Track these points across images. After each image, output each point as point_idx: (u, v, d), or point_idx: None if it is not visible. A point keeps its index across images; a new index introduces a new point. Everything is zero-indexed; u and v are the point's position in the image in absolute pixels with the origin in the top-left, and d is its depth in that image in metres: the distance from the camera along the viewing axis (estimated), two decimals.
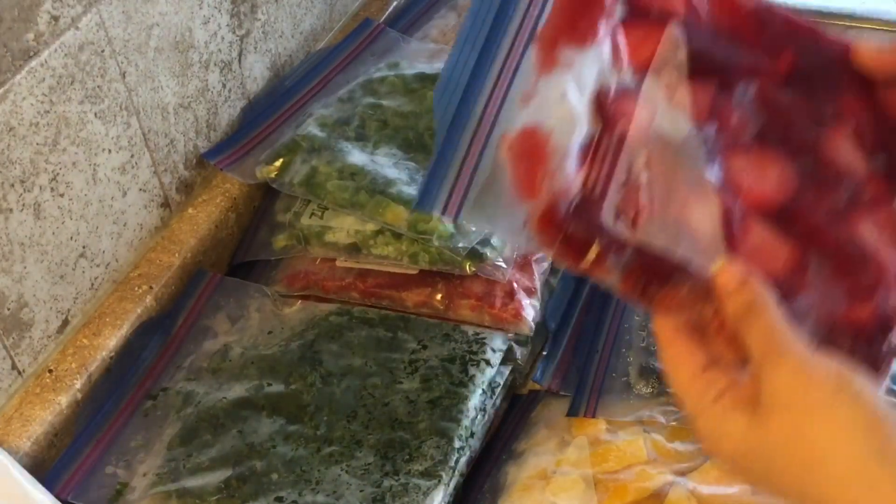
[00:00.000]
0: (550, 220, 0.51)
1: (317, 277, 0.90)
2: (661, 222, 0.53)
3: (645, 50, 0.56)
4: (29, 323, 0.78)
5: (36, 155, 0.76)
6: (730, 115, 0.56)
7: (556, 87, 0.53)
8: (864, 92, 0.57)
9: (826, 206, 0.55)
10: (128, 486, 0.75)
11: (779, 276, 0.53)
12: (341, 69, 1.07)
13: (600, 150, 0.53)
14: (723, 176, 0.54)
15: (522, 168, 0.52)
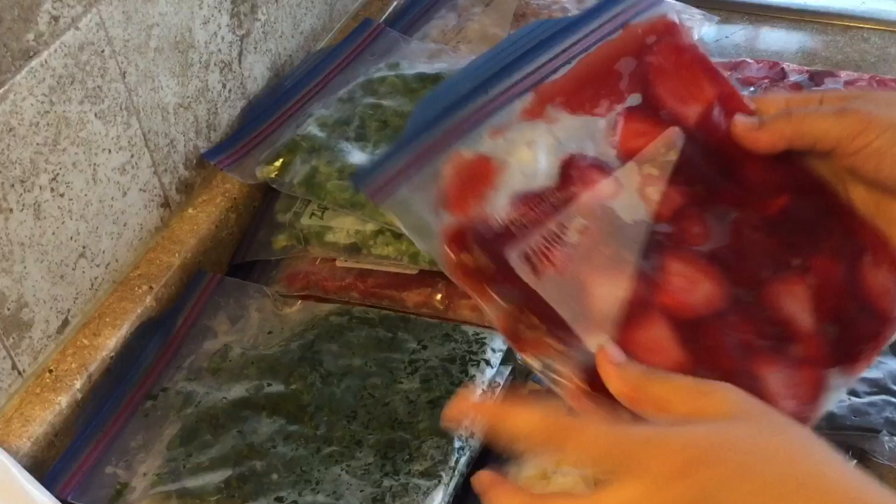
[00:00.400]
0: (460, 237, 0.54)
1: (317, 277, 0.90)
2: (564, 281, 0.54)
3: (639, 142, 0.57)
4: (29, 323, 0.78)
5: (36, 155, 0.76)
6: (693, 225, 0.56)
7: (530, 133, 0.56)
8: (841, 260, 0.57)
9: (742, 338, 0.55)
10: (128, 486, 0.75)
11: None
12: (341, 69, 1.07)
13: (543, 202, 0.55)
14: (653, 268, 0.55)
15: (460, 183, 0.54)
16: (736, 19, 1.21)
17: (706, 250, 0.56)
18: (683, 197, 0.57)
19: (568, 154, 0.56)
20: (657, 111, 0.58)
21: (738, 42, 1.18)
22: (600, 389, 0.53)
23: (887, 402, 0.77)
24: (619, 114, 0.57)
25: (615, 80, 0.58)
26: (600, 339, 0.53)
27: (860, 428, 0.76)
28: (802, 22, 1.20)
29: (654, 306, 0.54)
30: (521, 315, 0.54)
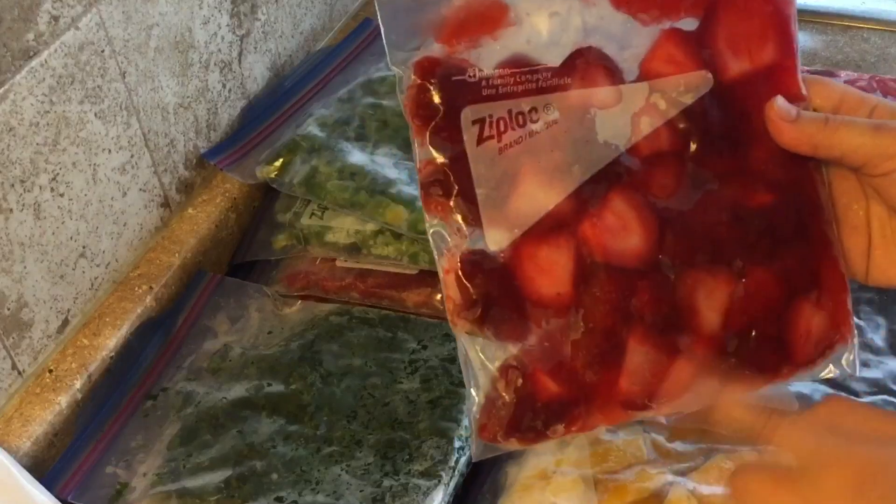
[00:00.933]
0: (432, 67, 0.51)
1: (317, 277, 0.90)
2: (500, 163, 0.51)
3: (666, 68, 0.53)
4: (29, 323, 0.78)
5: (36, 155, 0.76)
6: (664, 174, 0.53)
7: (561, 5, 0.52)
8: (785, 285, 0.54)
9: (635, 304, 0.52)
10: (128, 486, 0.75)
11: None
12: (341, 69, 1.07)
13: (531, 77, 0.51)
14: (594, 195, 0.52)
15: (463, 18, 0.51)
16: None
17: (660, 205, 0.52)
18: (673, 143, 0.53)
19: (586, 44, 0.52)
20: (702, 46, 0.53)
21: None
22: (470, 278, 0.51)
23: (887, 401, 0.77)
24: (664, 30, 0.52)
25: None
26: (499, 236, 0.51)
27: None
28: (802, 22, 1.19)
29: (571, 232, 0.51)
30: (443, 173, 0.51)
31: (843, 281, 0.54)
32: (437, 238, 0.52)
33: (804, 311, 0.53)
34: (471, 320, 0.51)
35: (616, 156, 0.52)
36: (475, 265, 0.51)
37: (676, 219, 0.52)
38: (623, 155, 0.52)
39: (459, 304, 0.52)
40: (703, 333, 0.53)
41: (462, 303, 0.51)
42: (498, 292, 0.51)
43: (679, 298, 0.52)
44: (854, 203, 0.56)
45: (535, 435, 0.53)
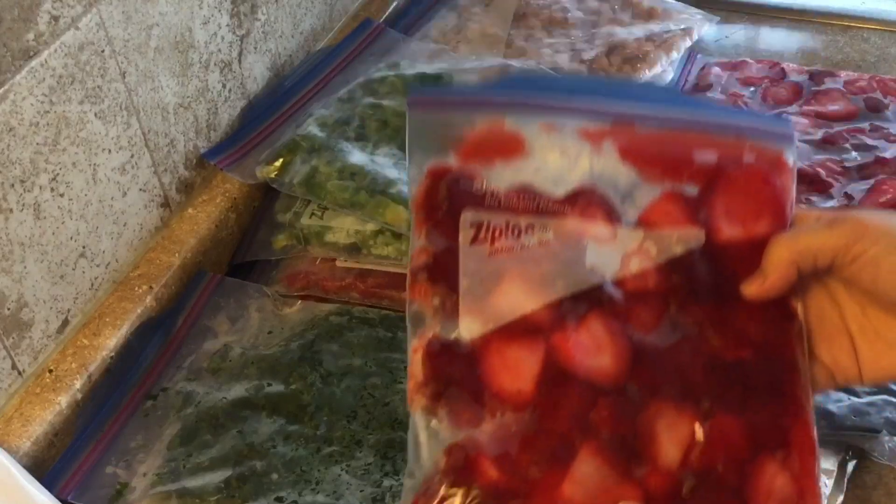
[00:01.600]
0: (444, 173, 0.56)
1: (317, 277, 0.90)
2: (488, 263, 0.54)
3: (662, 221, 0.56)
4: (29, 323, 0.78)
5: (36, 155, 0.76)
6: (646, 311, 0.54)
7: (574, 149, 0.56)
8: (751, 435, 0.53)
9: (595, 419, 0.53)
10: (128, 486, 0.75)
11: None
12: (341, 69, 1.07)
13: (533, 200, 0.55)
14: (574, 312, 0.54)
15: (482, 141, 0.56)
16: (736, 19, 1.21)
17: (636, 337, 0.54)
18: (658, 285, 0.55)
19: (590, 185, 0.55)
20: (699, 209, 0.55)
21: (739, 42, 1.18)
22: (435, 357, 0.54)
23: (887, 402, 0.77)
24: (665, 191, 0.56)
25: (684, 163, 0.56)
26: (473, 325, 0.53)
27: (860, 428, 0.76)
28: (802, 22, 1.20)
29: (543, 339, 0.54)
30: (433, 261, 0.55)
31: (812, 446, 0.54)
32: (414, 319, 0.56)
33: (769, 467, 0.53)
34: (428, 396, 0.55)
35: (600, 283, 0.54)
36: (443, 346, 0.55)
37: (650, 353, 0.54)
38: (608, 284, 0.54)
39: (420, 381, 0.55)
40: (659, 465, 0.53)
41: (423, 380, 0.55)
42: (459, 375, 0.54)
43: (640, 423, 0.53)
44: (828, 310, 0.57)
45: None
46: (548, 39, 1.11)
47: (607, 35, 1.10)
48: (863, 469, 0.75)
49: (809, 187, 0.92)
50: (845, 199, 0.89)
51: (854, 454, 0.75)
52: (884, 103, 1.01)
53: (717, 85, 1.06)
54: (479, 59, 1.05)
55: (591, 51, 1.07)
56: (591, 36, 1.10)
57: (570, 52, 1.08)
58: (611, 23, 1.13)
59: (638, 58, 1.06)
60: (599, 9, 1.15)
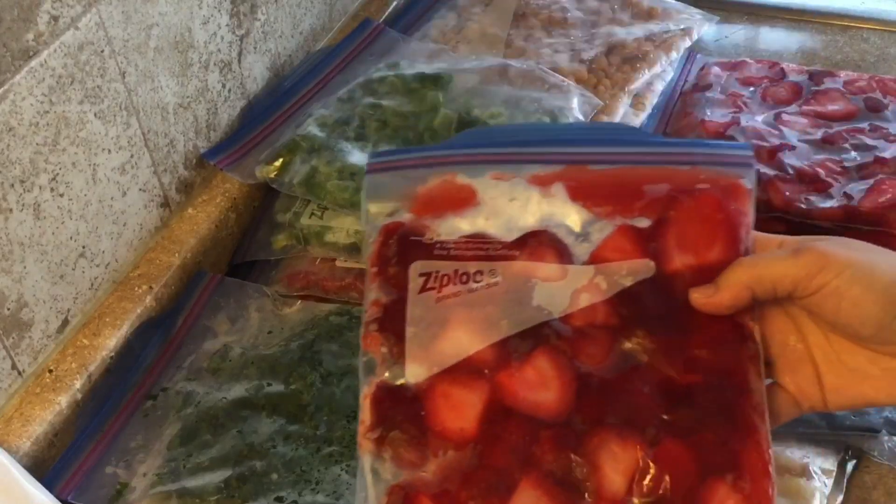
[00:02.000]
0: (396, 229, 0.59)
1: (317, 277, 0.90)
2: (434, 309, 0.56)
3: (614, 255, 0.57)
4: (29, 323, 0.78)
5: (35, 155, 0.76)
6: (593, 345, 0.55)
7: (524, 196, 0.59)
8: (698, 457, 0.53)
9: (538, 453, 0.53)
10: (128, 486, 0.75)
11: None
12: (341, 69, 1.07)
13: (483, 247, 0.57)
14: (518, 350, 0.55)
15: (434, 198, 0.59)
16: (736, 19, 1.21)
17: (583, 370, 0.54)
18: (607, 319, 0.55)
19: (541, 227, 0.57)
20: (651, 240, 0.56)
21: (738, 42, 1.18)
22: (380, 402, 0.55)
23: None
24: (618, 226, 0.57)
25: (634, 197, 0.57)
26: (419, 370, 0.55)
27: (860, 428, 0.76)
28: (802, 22, 1.20)
29: (488, 378, 0.54)
30: (383, 312, 0.57)
31: (766, 468, 0.53)
32: (365, 368, 0.56)
33: (718, 491, 0.53)
34: (373, 440, 0.55)
35: (547, 320, 0.55)
36: (388, 392, 0.55)
37: (597, 384, 0.54)
38: (554, 321, 0.55)
39: (367, 426, 0.55)
40: (604, 495, 0.53)
41: (369, 424, 0.55)
42: (403, 418, 0.55)
43: (583, 453, 0.53)
44: (791, 337, 0.56)
45: None
46: (547, 39, 1.11)
47: (607, 35, 1.10)
48: (863, 469, 0.75)
49: (809, 187, 0.92)
50: (845, 199, 0.89)
51: (854, 454, 0.75)
52: (883, 103, 1.01)
53: (717, 85, 1.06)
54: (478, 59, 1.05)
55: (590, 51, 1.07)
56: (590, 36, 1.10)
57: (570, 51, 1.08)
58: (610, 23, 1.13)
59: (637, 58, 1.06)
60: (599, 9, 1.15)
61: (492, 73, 1.03)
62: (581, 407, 0.54)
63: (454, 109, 0.97)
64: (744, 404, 0.54)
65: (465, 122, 0.96)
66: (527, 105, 0.97)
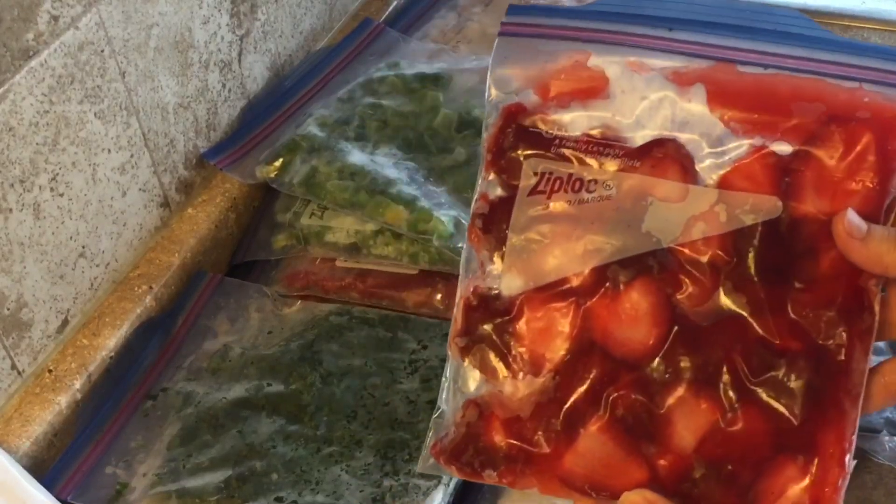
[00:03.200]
0: (518, 113, 0.53)
1: (317, 277, 0.90)
2: (539, 217, 0.52)
3: (742, 183, 0.51)
4: (28, 323, 0.78)
5: (35, 155, 0.75)
6: (697, 283, 0.51)
7: (658, 93, 0.52)
8: (773, 434, 0.50)
9: (614, 395, 0.51)
10: (128, 487, 0.75)
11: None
12: (341, 69, 1.06)
13: (603, 148, 0.52)
14: (616, 278, 0.51)
15: (564, 78, 0.52)
16: None
17: (679, 311, 0.51)
18: (717, 257, 0.50)
19: (670, 135, 0.51)
20: (787, 172, 0.50)
21: None
22: (474, 310, 0.53)
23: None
24: (755, 146, 0.50)
25: (780, 115, 0.50)
26: (514, 283, 0.52)
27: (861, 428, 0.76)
28: None
29: (580, 304, 0.51)
30: (489, 209, 0.53)
31: (842, 458, 0.50)
32: (465, 263, 0.54)
33: (786, 470, 0.50)
34: (461, 347, 0.53)
35: (654, 249, 0.51)
36: (482, 300, 0.53)
37: (690, 330, 0.51)
38: (661, 250, 0.51)
39: (458, 330, 0.54)
40: (671, 448, 0.51)
41: (460, 329, 0.53)
42: (492, 332, 0.53)
43: (659, 406, 0.51)
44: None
45: (471, 471, 0.54)
46: None
47: None
48: (863, 469, 0.75)
49: None
50: None
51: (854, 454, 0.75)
52: None
53: None
54: (478, 58, 1.05)
55: None
56: None
57: None
58: None
59: None
60: None
61: None
62: (667, 354, 0.51)
63: (454, 109, 0.97)
64: (838, 385, 0.50)
65: (465, 121, 0.96)
66: None
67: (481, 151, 0.54)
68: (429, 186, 0.90)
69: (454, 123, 0.96)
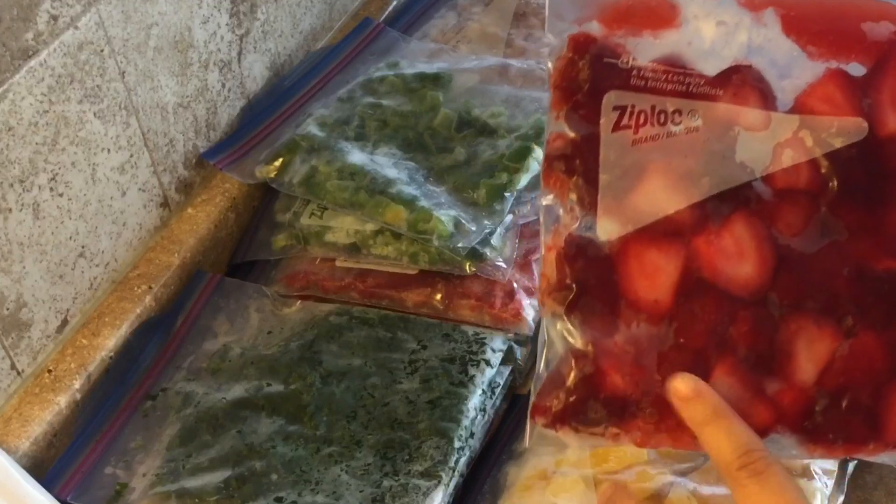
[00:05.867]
0: (587, 44, 0.50)
1: (316, 277, 0.90)
2: (630, 154, 0.50)
3: (821, 106, 0.50)
4: (28, 323, 0.78)
5: (35, 155, 0.75)
6: (793, 212, 0.50)
7: (733, 18, 0.51)
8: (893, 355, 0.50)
9: (733, 334, 0.50)
10: (127, 487, 0.75)
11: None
12: (341, 69, 1.06)
13: (683, 79, 0.50)
14: (717, 213, 0.50)
15: (630, 7, 0.50)
16: None
17: (782, 241, 0.50)
18: (810, 183, 0.50)
19: (746, 62, 0.50)
20: (865, 95, 0.50)
21: None
22: (571, 261, 0.50)
23: None
24: (830, 69, 0.50)
25: (852, 37, 0.50)
26: (611, 227, 0.50)
27: None
28: None
29: (684, 242, 0.50)
30: (571, 150, 0.50)
31: None
32: (547, 213, 0.51)
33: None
34: (560, 302, 0.51)
35: (749, 180, 0.50)
36: (579, 249, 0.50)
37: (795, 259, 0.50)
38: (756, 181, 0.50)
39: (553, 284, 0.51)
40: (794, 383, 0.50)
41: (556, 283, 0.51)
42: (595, 282, 0.50)
43: (778, 340, 0.50)
44: None
45: (592, 429, 0.51)
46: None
47: None
48: (863, 469, 0.75)
49: None
50: None
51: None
52: None
53: None
54: (478, 58, 1.05)
55: None
56: None
57: None
58: None
59: None
60: None
61: (492, 73, 1.03)
62: (778, 284, 0.50)
63: (454, 109, 0.97)
64: None
65: (465, 121, 0.96)
66: (527, 105, 0.97)
67: (548, 88, 0.51)
68: (429, 186, 0.90)
69: (454, 123, 0.96)
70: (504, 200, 0.87)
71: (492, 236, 0.86)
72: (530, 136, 0.92)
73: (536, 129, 0.93)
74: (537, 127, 0.93)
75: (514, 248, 0.87)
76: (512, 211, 0.88)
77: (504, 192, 0.88)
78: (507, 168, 0.89)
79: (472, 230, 0.85)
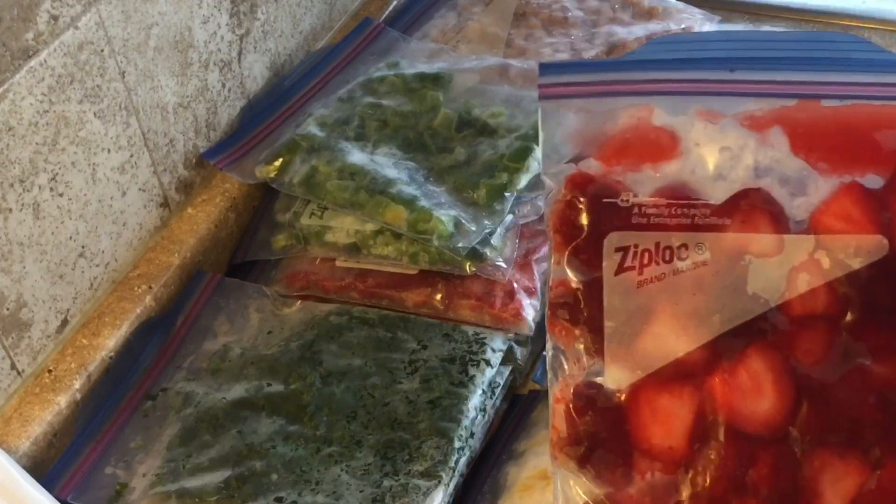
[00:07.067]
0: (584, 184, 0.48)
1: (316, 277, 0.90)
2: (635, 297, 0.48)
3: (838, 224, 0.48)
4: (28, 323, 0.78)
5: (35, 154, 0.75)
6: (812, 341, 0.48)
7: (736, 141, 0.48)
8: None
9: (748, 476, 0.48)
10: (127, 487, 0.75)
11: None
12: (341, 69, 1.06)
13: (688, 210, 0.48)
14: (731, 349, 0.48)
15: (626, 141, 0.48)
16: (736, 18, 1.21)
17: (801, 371, 0.47)
18: (829, 307, 0.47)
19: (755, 185, 0.48)
20: (883, 206, 0.47)
21: None
22: (581, 413, 0.49)
23: None
24: (844, 184, 0.47)
25: (865, 147, 0.48)
26: (620, 375, 0.48)
27: None
28: (803, 21, 1.20)
29: (697, 384, 0.48)
30: (574, 297, 0.49)
31: None
32: (554, 361, 0.50)
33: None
34: (573, 457, 0.49)
35: (763, 311, 0.48)
36: (589, 401, 0.49)
37: (816, 389, 0.48)
38: (771, 310, 0.48)
39: (564, 439, 0.49)
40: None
41: (567, 437, 0.49)
42: (607, 434, 0.49)
43: (802, 479, 0.48)
44: None
45: None
46: (548, 39, 1.11)
47: (607, 34, 1.10)
48: None
49: None
50: None
51: None
52: None
53: None
54: (479, 58, 1.05)
55: (591, 50, 1.07)
56: (591, 35, 1.10)
57: (571, 51, 1.08)
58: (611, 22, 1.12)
59: None
60: (599, 8, 1.15)
61: (492, 73, 1.03)
62: (799, 418, 0.47)
63: (454, 109, 0.97)
64: None
65: (464, 121, 0.96)
66: (528, 105, 0.97)
67: (547, 232, 0.50)
68: (429, 186, 0.90)
69: (454, 123, 0.96)
70: (504, 200, 0.87)
71: (492, 236, 0.86)
72: (530, 136, 0.92)
73: (536, 129, 0.93)
74: (537, 127, 0.93)
75: (515, 248, 0.87)
76: (512, 211, 0.88)
77: (504, 192, 0.88)
78: (507, 168, 0.89)
79: (473, 230, 0.85)
